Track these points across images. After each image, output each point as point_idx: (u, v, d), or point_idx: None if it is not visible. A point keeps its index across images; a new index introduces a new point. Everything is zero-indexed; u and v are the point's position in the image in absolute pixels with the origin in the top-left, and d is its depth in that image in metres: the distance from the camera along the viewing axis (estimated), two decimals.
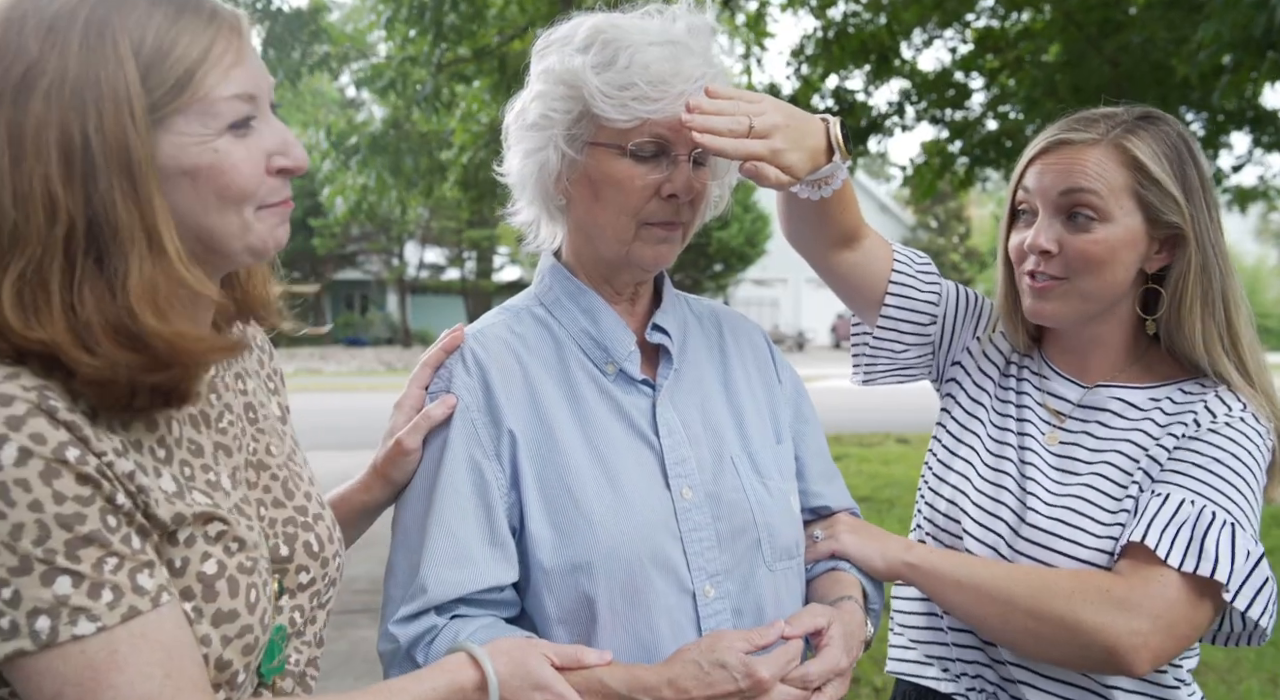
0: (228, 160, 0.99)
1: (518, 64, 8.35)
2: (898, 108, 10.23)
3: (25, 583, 0.89)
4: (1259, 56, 5.30)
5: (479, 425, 1.38)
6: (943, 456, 1.70)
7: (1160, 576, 1.39)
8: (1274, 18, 4.51)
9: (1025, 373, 1.68)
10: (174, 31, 0.95)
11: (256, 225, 1.03)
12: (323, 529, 1.20)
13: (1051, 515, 1.52)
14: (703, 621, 1.36)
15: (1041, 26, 9.33)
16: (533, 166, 1.40)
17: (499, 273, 36.58)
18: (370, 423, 14.75)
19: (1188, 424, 1.50)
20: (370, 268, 36.84)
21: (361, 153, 9.82)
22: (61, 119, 0.90)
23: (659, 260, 1.39)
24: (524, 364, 1.41)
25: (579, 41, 1.35)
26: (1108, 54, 8.63)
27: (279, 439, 1.22)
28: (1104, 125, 1.50)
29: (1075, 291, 1.53)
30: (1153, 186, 1.47)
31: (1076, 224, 1.49)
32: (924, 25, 9.76)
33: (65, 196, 0.90)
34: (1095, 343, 1.60)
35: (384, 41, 9.30)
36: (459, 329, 1.46)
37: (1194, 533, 1.39)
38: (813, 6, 9.70)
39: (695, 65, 1.32)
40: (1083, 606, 1.39)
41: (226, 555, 1.01)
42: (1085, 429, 1.59)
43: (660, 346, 1.46)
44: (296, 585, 1.14)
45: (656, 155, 1.33)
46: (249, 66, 1.01)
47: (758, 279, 39.72)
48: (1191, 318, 1.51)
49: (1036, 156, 1.54)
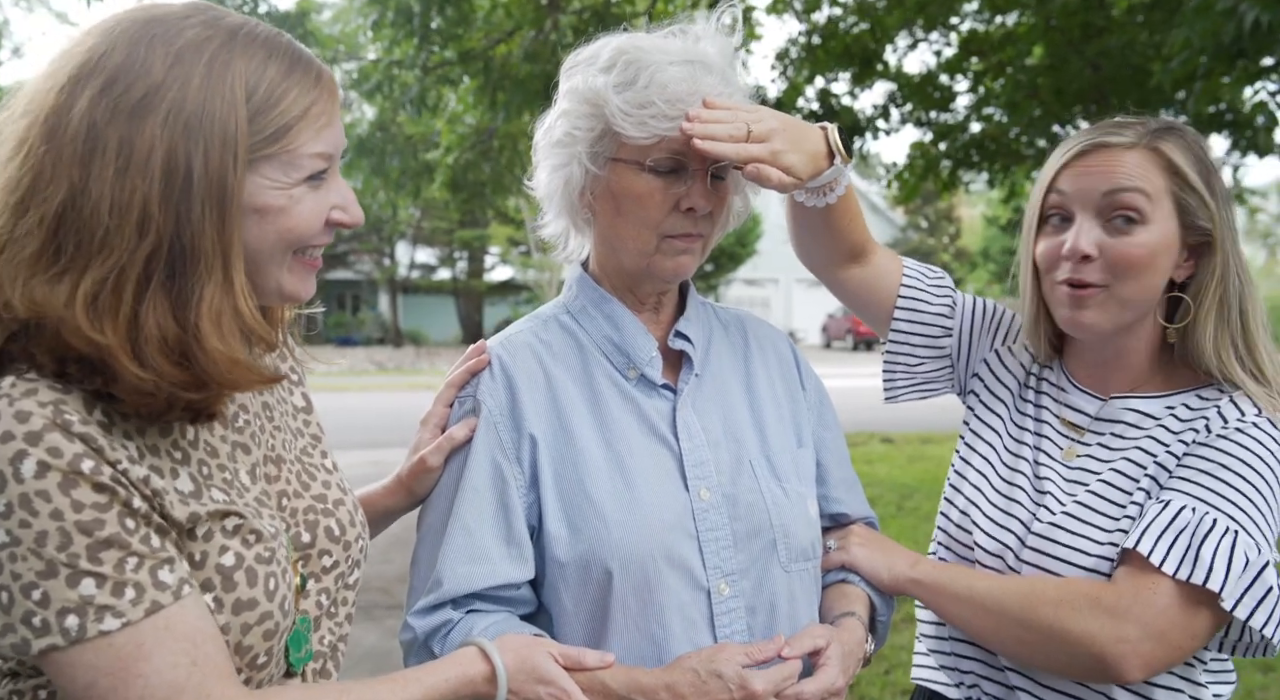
0: (297, 207, 1.08)
1: (504, 67, 8.40)
2: (883, 111, 10.30)
3: (53, 585, 0.97)
4: (1229, 63, 5.39)
5: (501, 429, 1.44)
6: (959, 467, 1.71)
7: (1152, 584, 1.37)
8: (1243, 25, 4.59)
9: (1045, 384, 1.66)
10: (285, 85, 1.05)
11: (289, 275, 1.12)
12: (344, 513, 1.27)
13: (1057, 524, 1.51)
14: (716, 618, 1.40)
15: (1024, 30, 9.41)
16: (559, 181, 1.46)
17: (490, 273, 36.57)
18: (362, 422, 14.78)
19: (1199, 430, 1.46)
20: (361, 267, 36.75)
21: (349, 155, 9.87)
22: (171, 144, 0.98)
23: (679, 271, 1.45)
24: (548, 370, 1.47)
25: (603, 62, 1.41)
26: (1089, 58, 8.71)
27: (296, 432, 1.31)
28: (1135, 131, 1.47)
29: (1114, 298, 1.47)
30: (1190, 191, 1.45)
31: (1116, 227, 1.45)
32: (908, 29, 9.84)
33: (159, 215, 0.97)
34: (1120, 355, 1.56)
35: (371, 43, 9.34)
36: (482, 347, 1.51)
37: (1191, 540, 1.36)
38: (798, 10, 9.76)
39: (713, 84, 1.38)
40: (1070, 614, 1.39)
41: (244, 547, 1.08)
42: (1101, 441, 1.56)
43: (682, 353, 1.52)
44: (320, 569, 1.23)
45: (675, 170, 1.39)
46: (336, 128, 1.11)
47: (749, 279, 39.76)
48: (1206, 324, 1.48)
49: (1072, 160, 1.50)
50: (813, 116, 10.00)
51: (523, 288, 34.21)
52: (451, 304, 37.17)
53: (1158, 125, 1.48)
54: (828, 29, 9.52)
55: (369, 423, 14.74)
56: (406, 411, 16.79)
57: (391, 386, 21.53)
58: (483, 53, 8.58)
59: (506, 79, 8.15)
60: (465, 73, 8.67)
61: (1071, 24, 8.69)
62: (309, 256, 1.14)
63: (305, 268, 1.14)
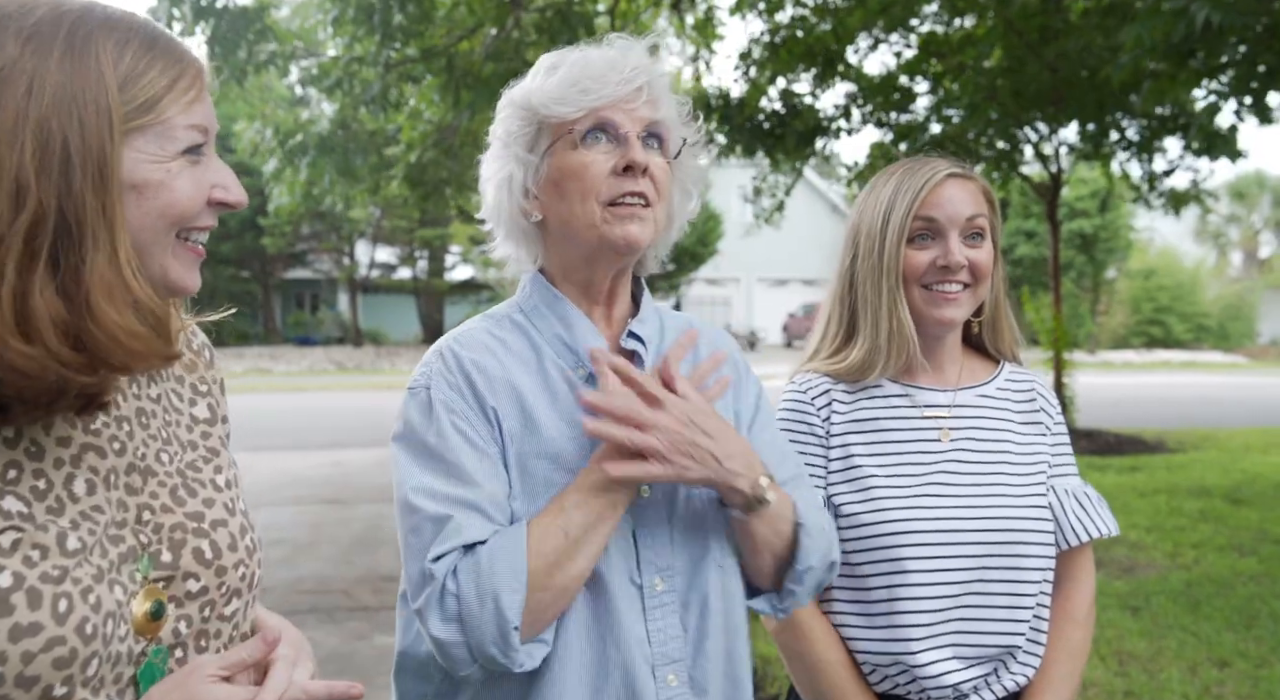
0: (176, 181, 1.04)
1: (466, 64, 8.36)
2: (844, 111, 10.39)
3: None
4: (1180, 64, 5.48)
5: (463, 404, 1.40)
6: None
7: (1087, 555, 1.87)
8: (1194, 26, 4.67)
9: (874, 398, 1.80)
10: (148, 58, 1.02)
11: (174, 261, 1.06)
12: (223, 535, 1.15)
13: (979, 495, 1.73)
14: (649, 612, 1.38)
15: (983, 32, 9.51)
16: (503, 192, 1.47)
17: (451, 272, 36.34)
18: (321, 423, 14.66)
19: (1046, 411, 1.87)
20: (321, 267, 36.40)
21: (310, 153, 9.77)
22: (40, 116, 0.94)
23: (629, 239, 1.41)
24: (503, 362, 1.45)
25: (529, 74, 1.48)
26: (1047, 60, 8.83)
27: (187, 444, 1.21)
28: (967, 169, 1.83)
29: (972, 297, 1.80)
30: (996, 215, 1.83)
31: (972, 243, 1.78)
32: (869, 30, 9.92)
33: (36, 187, 0.93)
34: (951, 350, 1.84)
35: (331, 39, 9.25)
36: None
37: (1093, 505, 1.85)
38: (761, 10, 9.81)
39: (636, 57, 1.43)
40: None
41: (25, 566, 0.97)
42: (970, 423, 1.80)
43: (634, 352, 1.50)
44: (185, 594, 1.11)
45: (607, 141, 1.42)
46: (205, 106, 1.07)
47: (710, 278, 39.87)
48: (1005, 317, 1.89)
49: (935, 189, 1.77)
50: (775, 117, 10.06)
51: (484, 287, 34.02)
52: (412, 303, 36.93)
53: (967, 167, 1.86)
54: (790, 29, 9.57)
55: (329, 423, 14.59)
56: (367, 412, 16.75)
57: (352, 386, 21.36)
58: (444, 50, 8.53)
59: (469, 77, 8.11)
60: (428, 70, 8.62)
61: (1030, 27, 8.81)
62: (192, 241, 1.09)
63: (190, 254, 1.09)
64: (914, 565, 1.67)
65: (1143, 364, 30.44)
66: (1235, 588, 5.61)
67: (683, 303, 40.48)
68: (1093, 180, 29.22)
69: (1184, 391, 20.13)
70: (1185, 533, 6.94)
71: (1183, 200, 11.08)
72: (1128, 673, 4.33)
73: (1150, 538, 6.83)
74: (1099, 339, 36.17)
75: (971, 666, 1.70)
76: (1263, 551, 6.38)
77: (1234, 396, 19.06)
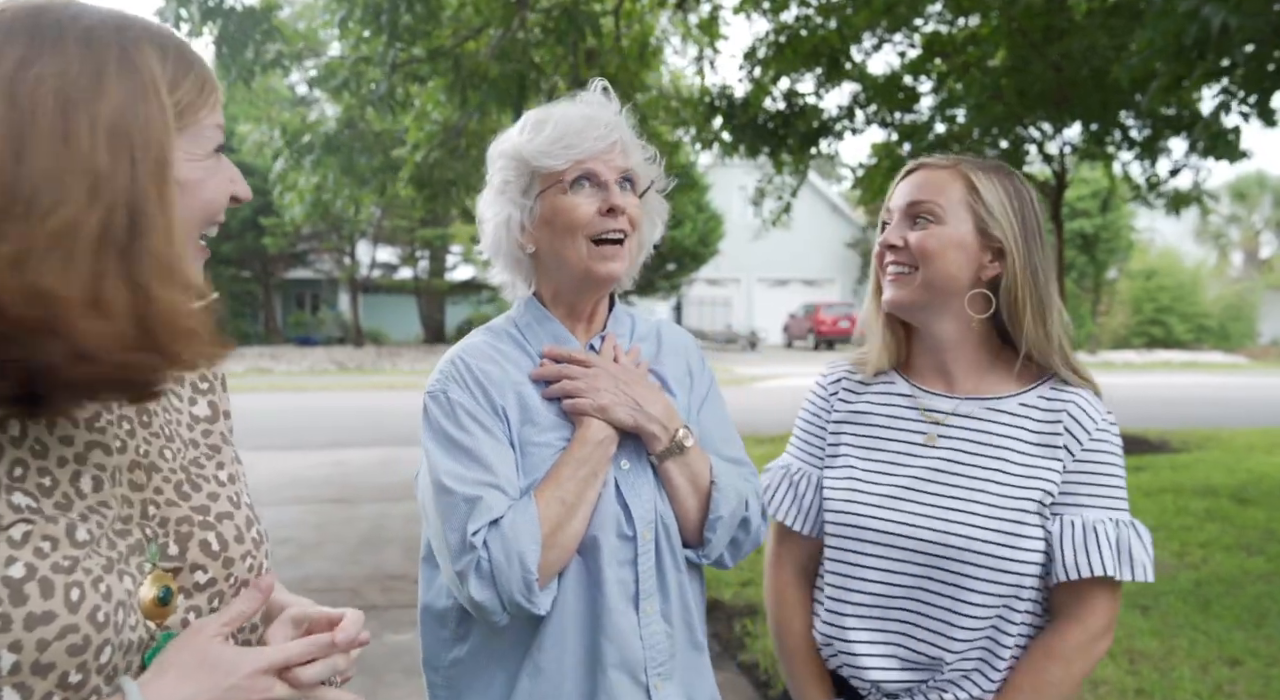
0: (212, 178, 1.11)
1: (472, 64, 8.36)
2: (848, 111, 10.39)
3: None
4: (1190, 65, 5.48)
5: (475, 404, 1.65)
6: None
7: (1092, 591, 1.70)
8: (1208, 27, 4.67)
9: (878, 392, 1.86)
10: (184, 65, 1.09)
11: (196, 260, 1.13)
12: (229, 528, 1.19)
13: (952, 504, 1.71)
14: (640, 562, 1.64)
15: (988, 32, 9.52)
16: (502, 230, 1.75)
17: (452, 272, 36.33)
18: (322, 423, 14.65)
19: (1073, 434, 1.72)
20: (322, 267, 36.37)
21: (316, 152, 9.78)
22: (112, 116, 0.99)
23: (612, 275, 1.71)
24: (504, 368, 1.72)
25: (517, 129, 1.76)
26: (1052, 60, 8.83)
27: (188, 442, 1.24)
28: (953, 159, 1.82)
29: (919, 279, 1.77)
30: (982, 203, 1.76)
31: (919, 225, 1.79)
32: (873, 29, 9.92)
33: (112, 181, 0.98)
34: (963, 354, 1.81)
35: (338, 40, 9.26)
36: None
37: (1117, 543, 1.68)
38: (766, 9, 9.81)
39: (608, 115, 1.72)
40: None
41: (37, 557, 1.00)
42: (965, 430, 1.76)
43: (593, 348, 1.80)
44: (193, 585, 1.15)
45: (591, 186, 1.69)
46: (220, 109, 1.14)
47: (711, 278, 39.90)
48: (1024, 319, 1.75)
49: (899, 181, 1.85)
50: (779, 117, 10.06)
51: (485, 287, 34.01)
52: (413, 303, 36.92)
53: (983, 163, 1.81)
54: (795, 28, 9.57)
55: (330, 423, 14.59)
56: (368, 412, 16.74)
57: (352, 386, 21.34)
58: (451, 50, 8.53)
59: (476, 77, 8.12)
60: (434, 71, 8.62)
61: (1034, 26, 8.81)
62: (203, 240, 1.16)
63: (202, 254, 1.15)
64: (864, 560, 1.75)
65: (1143, 364, 30.45)
66: (1244, 587, 5.61)
67: (683, 303, 40.52)
68: (1094, 180, 29.24)
69: (1185, 392, 20.15)
70: (1192, 532, 6.94)
71: (1183, 201, 11.09)
72: (1139, 671, 4.33)
73: (1158, 537, 6.82)
74: (1100, 339, 36.21)
75: (906, 670, 1.73)
76: (1270, 550, 6.39)
77: (1235, 397, 19.08)
